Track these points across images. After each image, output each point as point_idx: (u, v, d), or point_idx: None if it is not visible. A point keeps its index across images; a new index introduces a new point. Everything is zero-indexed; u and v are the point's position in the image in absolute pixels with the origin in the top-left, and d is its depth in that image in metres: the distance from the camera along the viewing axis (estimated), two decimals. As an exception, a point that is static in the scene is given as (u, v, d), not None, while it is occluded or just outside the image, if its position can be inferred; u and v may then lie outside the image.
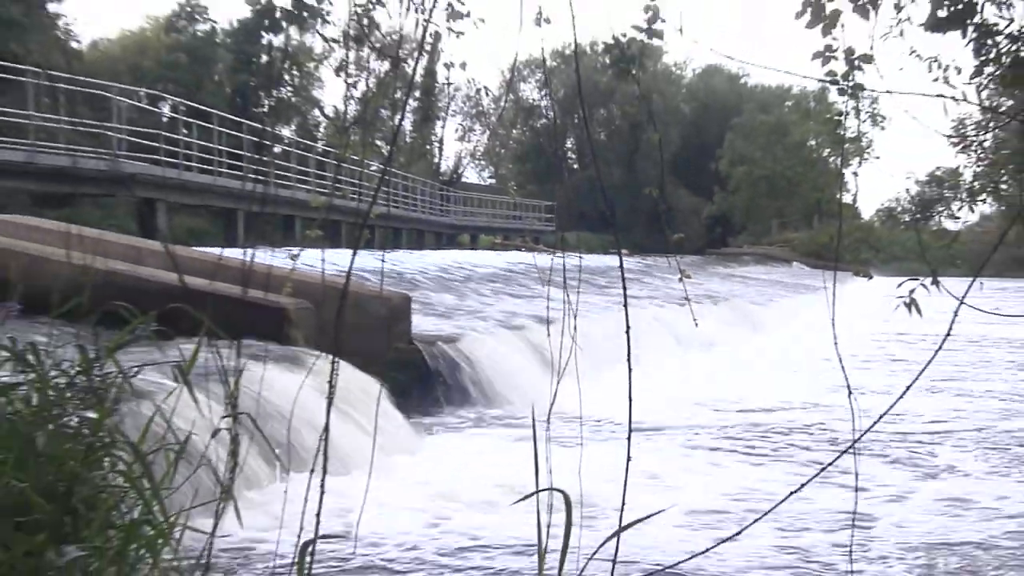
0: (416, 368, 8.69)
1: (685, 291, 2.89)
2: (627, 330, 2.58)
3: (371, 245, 26.16)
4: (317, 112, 54.29)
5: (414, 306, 9.65)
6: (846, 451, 2.79)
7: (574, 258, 2.79)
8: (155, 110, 34.83)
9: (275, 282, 4.84)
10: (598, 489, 3.46)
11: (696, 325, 3.16)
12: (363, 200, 2.71)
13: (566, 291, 2.71)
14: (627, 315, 2.61)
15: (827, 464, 2.93)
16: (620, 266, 2.88)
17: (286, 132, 43.28)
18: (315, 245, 2.98)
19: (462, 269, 18.72)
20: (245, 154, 27.94)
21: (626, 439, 2.57)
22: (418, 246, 36.92)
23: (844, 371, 2.81)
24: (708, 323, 13.93)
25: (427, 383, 8.70)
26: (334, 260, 3.56)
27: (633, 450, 2.56)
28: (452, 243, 43.67)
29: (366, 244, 2.58)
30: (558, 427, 2.97)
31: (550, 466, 2.55)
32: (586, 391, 2.87)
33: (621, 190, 47.52)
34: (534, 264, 17.43)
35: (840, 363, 2.82)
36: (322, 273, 2.90)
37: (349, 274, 2.62)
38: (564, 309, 2.70)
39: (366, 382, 6.93)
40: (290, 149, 33.96)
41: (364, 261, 2.92)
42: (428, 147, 59.88)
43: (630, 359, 2.58)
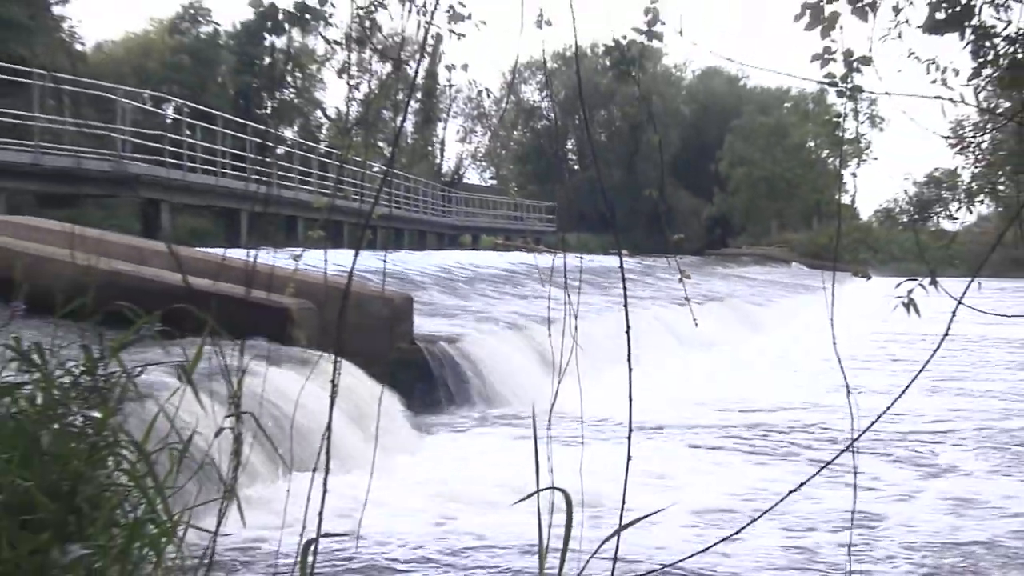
0: (418, 368, 8.71)
1: (685, 291, 2.90)
2: (627, 330, 2.59)
3: (373, 246, 26.17)
4: (319, 113, 54.41)
5: (416, 306, 9.68)
6: (846, 450, 2.80)
7: (575, 258, 2.80)
8: (159, 112, 34.88)
9: (278, 282, 4.87)
10: (600, 488, 3.47)
11: (696, 325, 3.17)
12: (365, 201, 2.72)
13: (567, 291, 2.71)
14: (627, 315, 2.61)
15: (826, 463, 2.94)
16: (620, 266, 2.89)
17: (289, 133, 43.36)
18: (317, 246, 2.99)
19: (464, 269, 18.73)
20: (248, 155, 27.98)
21: (627, 438, 2.59)
22: (420, 247, 36.90)
23: (843, 371, 2.82)
24: (708, 323, 13.93)
25: (429, 383, 8.72)
26: (336, 261, 3.57)
27: (635, 450, 2.57)
28: (454, 244, 43.67)
29: (368, 245, 2.57)
30: (559, 427, 2.99)
31: (551, 465, 2.55)
32: (587, 391, 2.88)
33: (621, 191, 47.49)
34: (535, 264, 17.42)
35: (839, 363, 2.83)
36: (324, 273, 2.90)
37: (351, 274, 2.63)
38: (565, 309, 2.71)
39: (368, 382, 6.96)
40: (293, 150, 33.99)
41: (366, 261, 2.93)
42: (430, 148, 59.91)
43: (630, 359, 2.59)
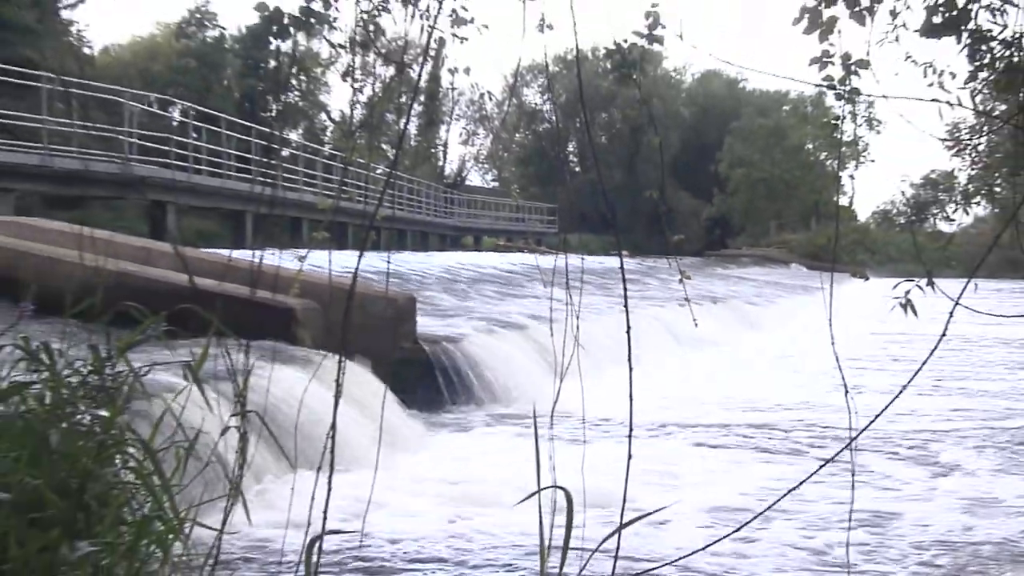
0: (421, 367, 8.74)
1: (685, 292, 2.93)
2: (627, 330, 2.60)
3: (377, 247, 25.98)
4: (324, 116, 54.45)
5: (419, 306, 9.71)
6: (845, 448, 2.83)
7: (576, 259, 2.82)
8: (165, 114, 34.89)
9: (283, 283, 4.91)
10: (604, 487, 3.50)
11: (696, 325, 3.19)
12: (369, 202, 2.75)
13: (568, 292, 2.73)
14: (627, 315, 2.62)
15: (826, 461, 2.96)
16: (621, 267, 2.92)
17: (293, 136, 43.40)
18: (322, 247, 3.02)
19: (466, 270, 18.73)
20: (253, 157, 28.04)
21: (627, 437, 2.62)
22: (423, 248, 36.91)
23: (841, 370, 2.85)
24: (708, 323, 13.92)
25: (432, 382, 8.75)
26: (341, 261, 3.59)
27: (639, 449, 2.59)
28: (456, 245, 43.65)
29: (372, 246, 2.61)
30: (562, 426, 3.01)
31: (553, 464, 2.57)
32: (589, 390, 2.90)
33: (622, 192, 47.46)
34: (536, 265, 17.42)
35: (837, 362, 2.86)
36: (329, 274, 2.93)
37: (356, 275, 2.66)
38: (566, 309, 2.73)
39: (372, 381, 7.00)
40: (297, 152, 34.03)
41: (370, 262, 2.95)
42: (432, 151, 59.94)
43: (631, 359, 2.61)
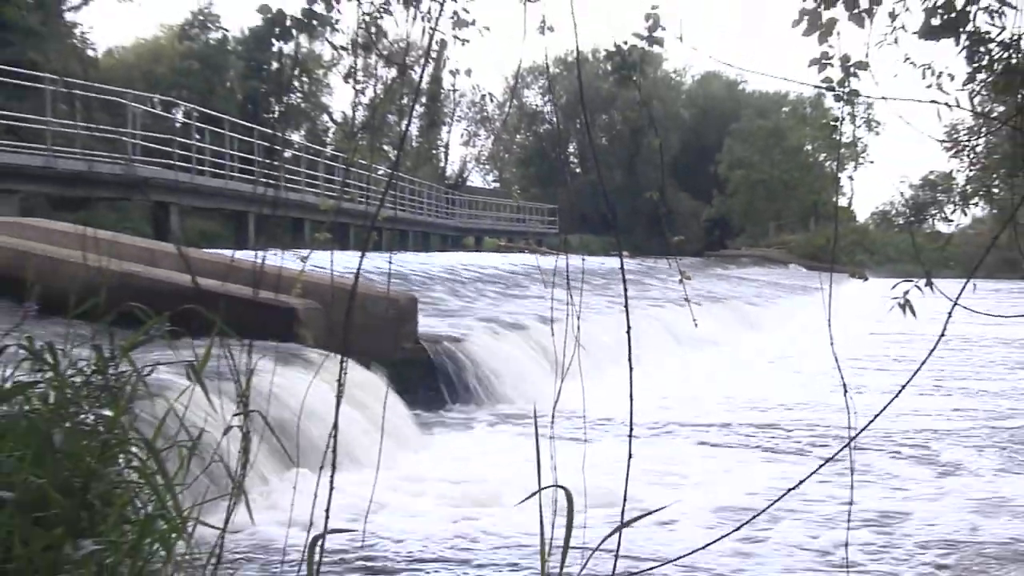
0: (422, 367, 8.76)
1: (685, 292, 2.94)
2: (628, 330, 2.61)
3: (378, 247, 26.06)
4: (326, 118, 54.44)
5: (420, 307, 9.72)
6: (844, 447, 2.85)
7: (576, 260, 2.83)
8: (168, 116, 34.95)
9: (285, 283, 4.91)
10: (604, 486, 3.51)
11: (696, 325, 3.21)
12: (371, 203, 2.77)
13: (569, 292, 2.75)
14: (628, 315, 2.63)
15: (825, 461, 2.97)
16: (621, 268, 2.92)
17: (296, 137, 43.44)
18: (324, 247, 3.04)
19: (467, 271, 18.74)
20: (256, 158, 28.09)
21: (628, 436, 2.63)
22: (424, 248, 36.94)
23: (840, 370, 2.86)
24: (707, 323, 13.95)
25: (433, 382, 8.77)
26: (342, 262, 3.61)
27: (642, 448, 2.61)
28: (457, 245, 43.69)
29: (374, 246, 2.62)
30: (563, 425, 3.03)
31: (555, 463, 2.58)
32: (589, 390, 2.92)
33: (622, 193, 47.48)
34: (537, 266, 17.43)
35: (836, 362, 2.87)
36: (331, 274, 2.95)
37: (357, 275, 2.67)
38: (567, 310, 2.74)
39: (374, 381, 7.02)
40: (300, 154, 34.08)
41: (372, 263, 2.97)
42: (434, 152, 59.99)
43: (631, 359, 2.62)
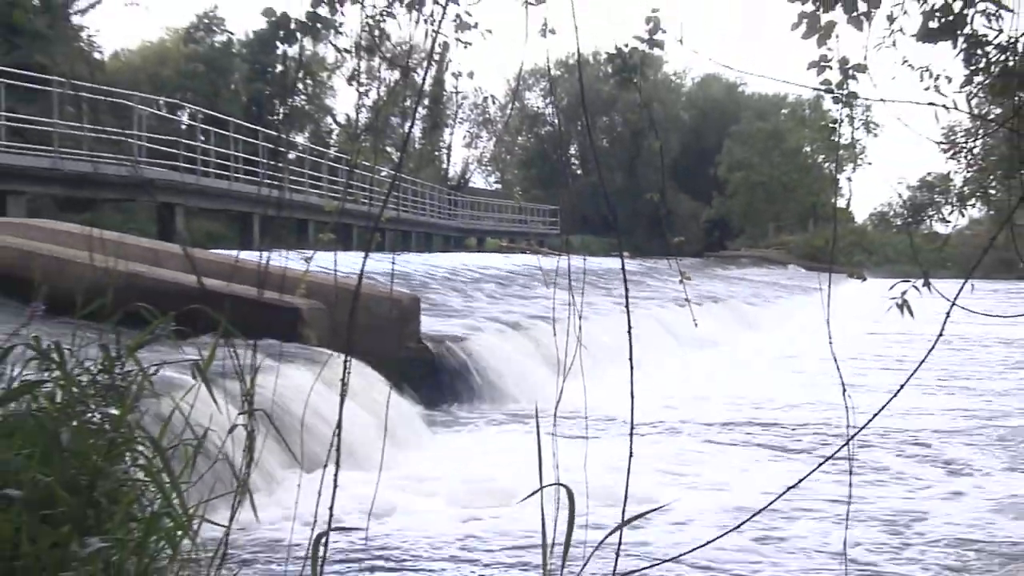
0: (425, 367, 8.79)
1: (685, 292, 2.96)
2: (629, 330, 2.62)
3: (382, 248, 26.24)
4: (330, 120, 54.48)
5: (423, 307, 9.75)
6: (843, 446, 2.87)
7: (578, 260, 2.85)
8: (174, 118, 35.10)
9: (290, 284, 4.93)
10: (608, 483, 3.53)
11: (696, 326, 3.23)
12: (374, 204, 2.79)
13: (571, 292, 2.76)
14: (629, 316, 2.64)
15: (825, 460, 2.99)
16: (622, 268, 2.94)
17: (300, 139, 43.44)
18: (328, 248, 3.06)
19: (469, 271, 18.77)
20: (260, 160, 28.11)
21: (629, 435, 2.66)
22: (427, 249, 36.98)
23: (839, 370, 2.88)
24: (707, 324, 13.98)
25: (436, 381, 8.80)
26: (346, 262, 3.64)
27: (644, 447, 2.63)
28: (459, 246, 43.73)
29: (377, 247, 2.64)
30: (564, 424, 3.05)
31: (557, 461, 2.60)
32: (591, 390, 2.94)
33: (623, 195, 47.44)
34: (539, 266, 17.44)
35: (835, 362, 2.90)
36: (335, 275, 2.98)
37: (361, 276, 2.68)
38: (569, 310, 2.76)
39: (377, 380, 7.04)
40: (304, 155, 34.14)
41: (375, 263, 2.98)
42: (436, 153, 59.98)
43: (632, 359, 2.64)
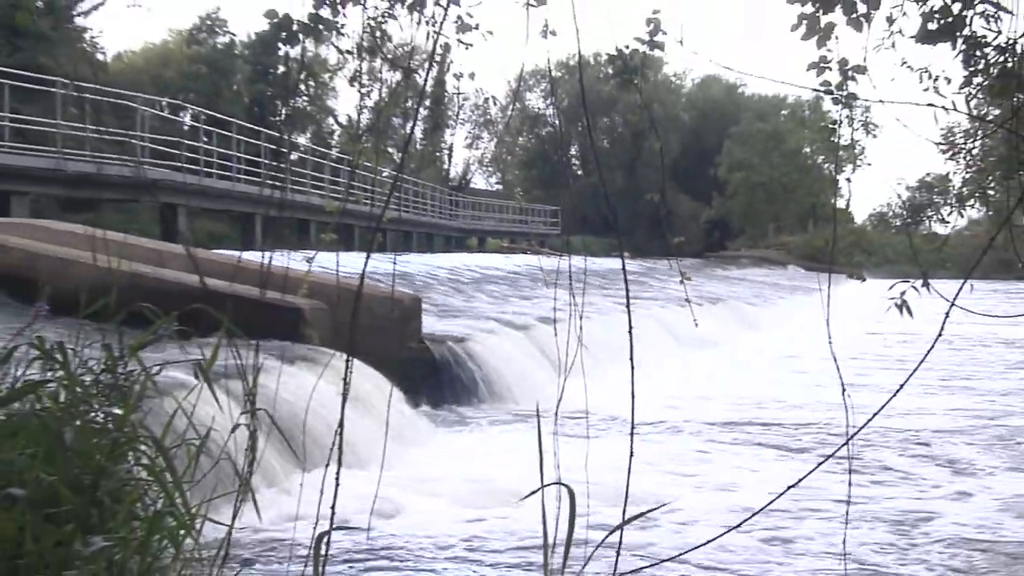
0: (427, 367, 8.80)
1: (686, 293, 2.97)
2: (630, 330, 2.63)
3: (383, 248, 26.28)
4: (331, 121, 54.48)
5: (425, 307, 9.76)
6: (843, 445, 2.87)
7: (578, 260, 2.86)
8: (177, 119, 35.13)
9: (292, 284, 4.95)
10: (609, 483, 3.54)
11: (696, 326, 3.24)
12: (376, 205, 2.80)
13: (572, 293, 2.77)
14: (629, 316, 2.65)
15: (824, 459, 3.00)
16: (623, 268, 2.95)
17: (302, 140, 43.47)
18: (330, 248, 3.07)
19: (470, 271, 18.77)
20: (262, 161, 28.13)
21: (629, 435, 2.67)
22: (428, 249, 37.00)
23: (839, 369, 2.89)
24: (707, 324, 13.98)
25: (437, 381, 8.82)
26: (348, 263, 3.65)
27: (647, 447, 2.64)
28: (461, 246, 43.79)
29: (379, 247, 2.65)
30: (565, 423, 3.06)
31: (558, 461, 2.61)
32: (592, 390, 2.95)
33: (623, 195, 47.46)
34: (539, 266, 17.45)
35: (835, 361, 2.91)
36: (336, 275, 2.99)
37: (363, 276, 2.70)
38: (569, 310, 2.77)
39: (379, 380, 7.06)
40: (306, 156, 34.16)
41: (376, 263, 3.00)
42: (438, 154, 59.98)
43: (632, 359, 2.64)
